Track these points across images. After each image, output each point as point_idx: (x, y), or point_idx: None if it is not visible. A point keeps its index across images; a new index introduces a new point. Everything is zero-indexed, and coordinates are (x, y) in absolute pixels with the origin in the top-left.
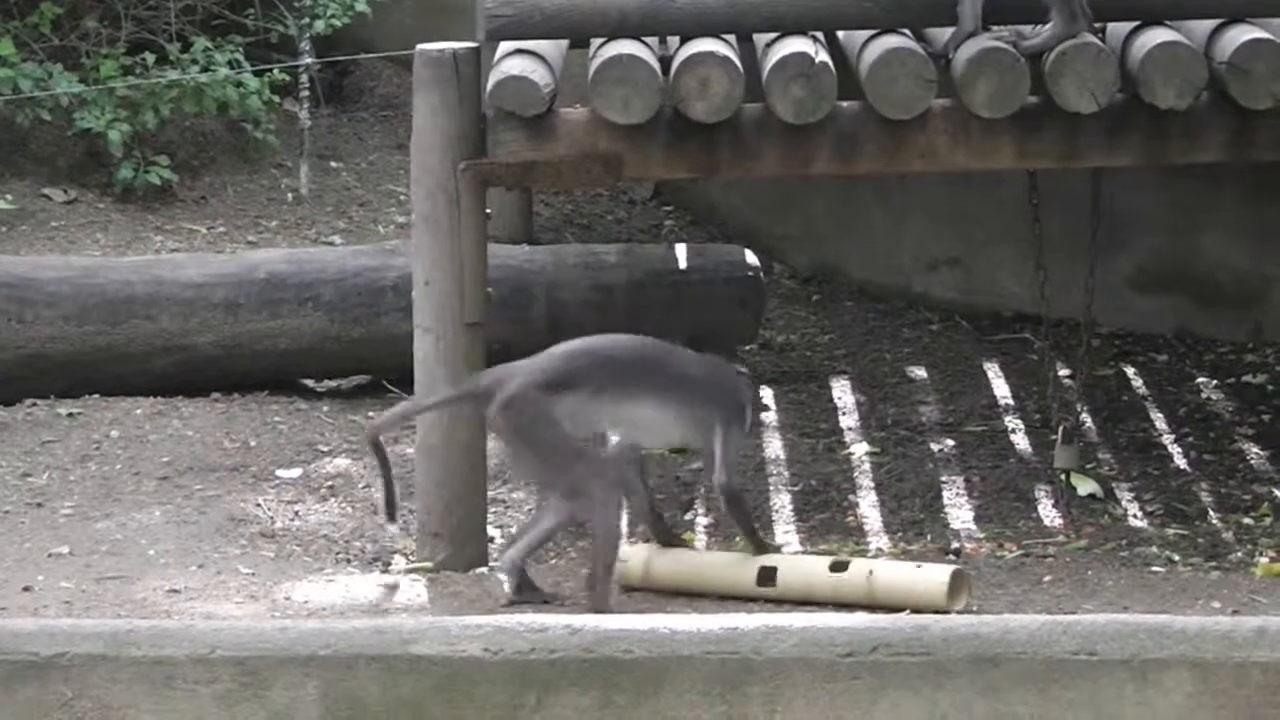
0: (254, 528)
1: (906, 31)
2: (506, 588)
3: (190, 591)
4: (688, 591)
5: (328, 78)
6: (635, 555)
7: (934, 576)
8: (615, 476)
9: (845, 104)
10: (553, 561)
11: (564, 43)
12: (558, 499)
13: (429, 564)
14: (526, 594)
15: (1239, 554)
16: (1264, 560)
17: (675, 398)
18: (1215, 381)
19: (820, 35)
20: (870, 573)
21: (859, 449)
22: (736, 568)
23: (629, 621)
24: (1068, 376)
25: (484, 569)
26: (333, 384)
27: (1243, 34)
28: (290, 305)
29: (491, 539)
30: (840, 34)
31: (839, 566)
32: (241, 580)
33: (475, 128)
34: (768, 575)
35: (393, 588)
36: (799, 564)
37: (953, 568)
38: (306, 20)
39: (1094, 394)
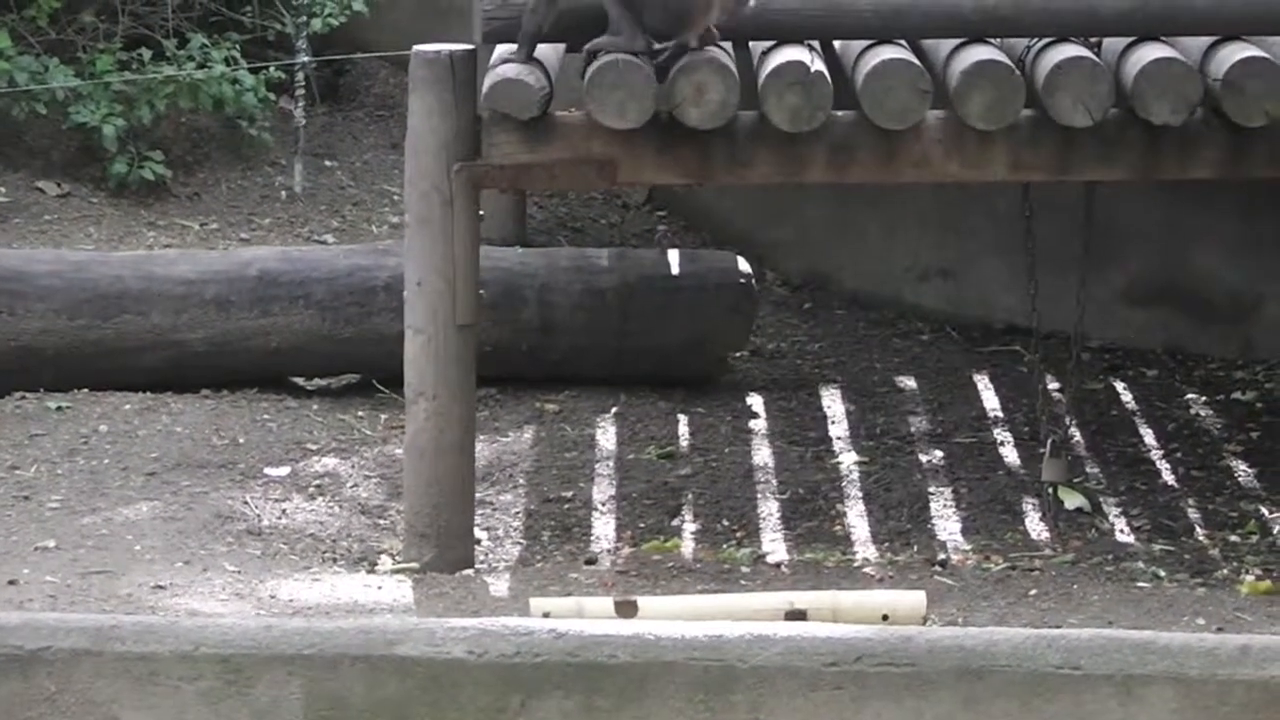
0: (241, 525)
1: (903, 42)
2: None
3: (176, 588)
4: None
5: (324, 76)
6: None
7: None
8: None
9: (840, 113)
10: (538, 565)
11: (560, 46)
12: None
13: (415, 565)
14: None
15: (1225, 571)
16: (1250, 578)
17: None
18: (1205, 398)
19: (816, 44)
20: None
21: (847, 458)
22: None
23: (614, 626)
24: (1057, 390)
25: (470, 570)
26: (323, 383)
27: (1237, 51)
28: (282, 303)
29: (478, 541)
30: (836, 43)
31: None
32: (227, 577)
33: (470, 129)
34: None
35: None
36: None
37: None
38: (304, 19)
39: (1083, 408)
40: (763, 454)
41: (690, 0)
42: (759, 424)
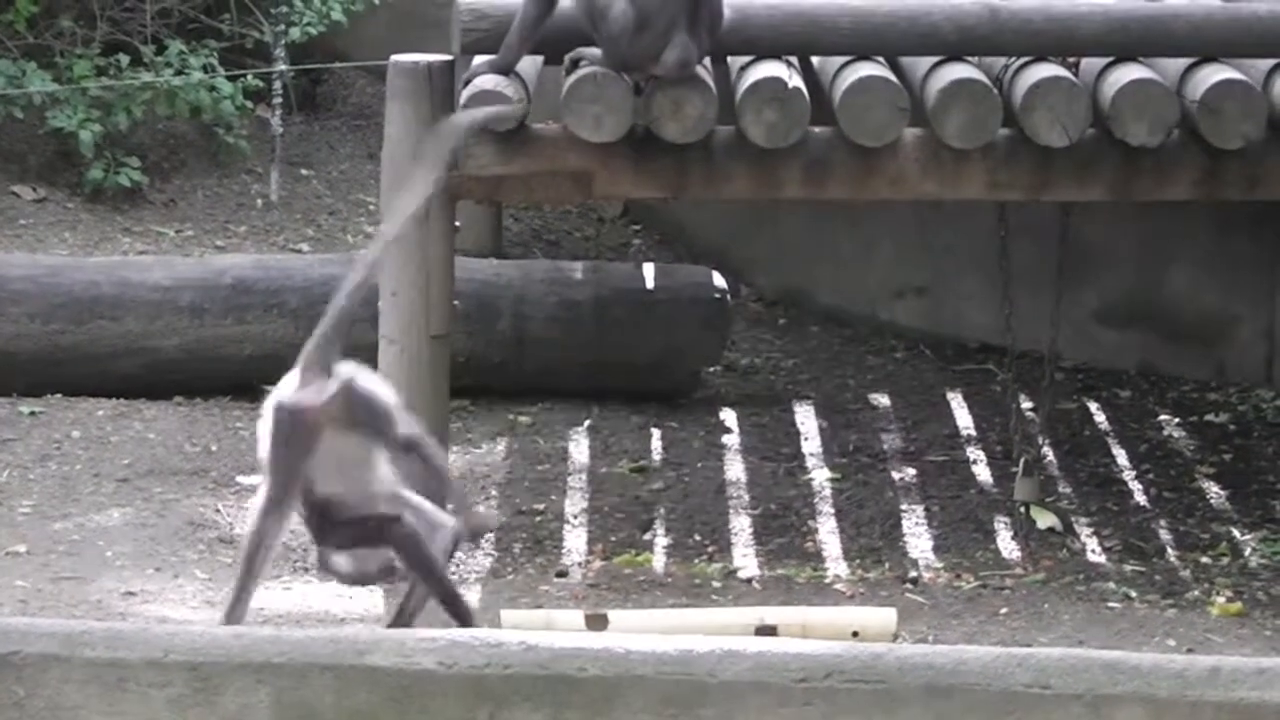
0: (212, 533)
1: (881, 60)
2: None
3: (146, 594)
4: None
5: (301, 85)
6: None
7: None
8: None
9: (817, 129)
10: (509, 577)
11: (539, 58)
12: None
13: None
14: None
15: (1195, 592)
16: (1220, 599)
17: None
18: (1177, 419)
19: (794, 60)
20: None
21: (820, 474)
22: None
23: (584, 639)
24: (1030, 409)
25: None
26: None
27: (1215, 74)
28: (256, 311)
29: None
30: (815, 60)
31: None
32: (198, 585)
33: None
34: None
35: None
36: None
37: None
38: (282, 27)
39: (1056, 427)
40: (735, 469)
41: (633, 56)
42: (732, 439)
